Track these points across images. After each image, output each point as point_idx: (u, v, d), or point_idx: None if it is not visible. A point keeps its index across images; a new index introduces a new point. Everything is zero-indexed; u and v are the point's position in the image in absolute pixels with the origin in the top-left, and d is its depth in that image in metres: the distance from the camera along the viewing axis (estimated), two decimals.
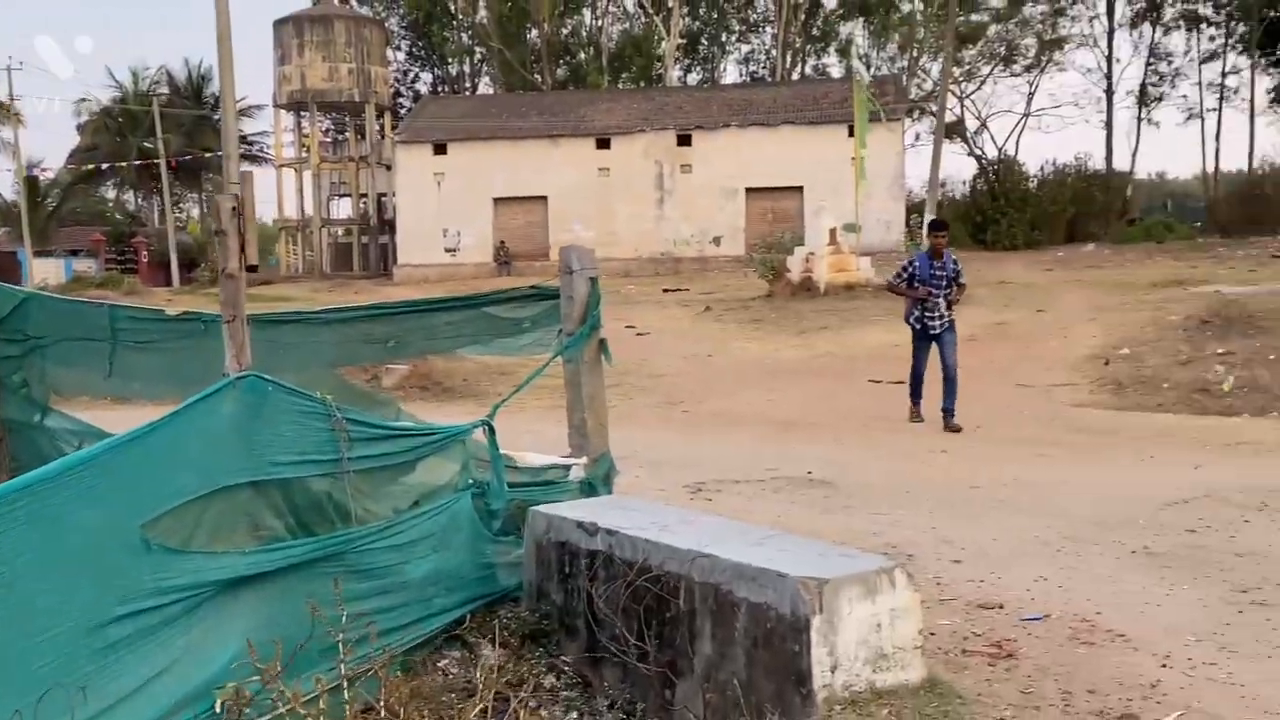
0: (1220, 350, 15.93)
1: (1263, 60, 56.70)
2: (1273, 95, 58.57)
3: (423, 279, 43.71)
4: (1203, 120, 60.11)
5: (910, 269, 12.92)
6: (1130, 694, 4.85)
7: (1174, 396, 13.95)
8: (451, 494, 5.56)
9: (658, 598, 4.73)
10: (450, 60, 68.54)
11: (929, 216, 30.09)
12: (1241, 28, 57.37)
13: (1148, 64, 59.97)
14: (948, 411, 12.60)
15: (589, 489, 6.13)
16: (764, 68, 65.38)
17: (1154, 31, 59.95)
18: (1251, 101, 56.97)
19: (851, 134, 32.54)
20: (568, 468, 6.25)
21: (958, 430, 12.37)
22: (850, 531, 7.76)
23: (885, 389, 15.95)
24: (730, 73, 79.43)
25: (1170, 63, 61.19)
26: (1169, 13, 59.72)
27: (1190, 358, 15.82)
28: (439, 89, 68.48)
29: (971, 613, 6.01)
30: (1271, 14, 55.20)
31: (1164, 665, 5.21)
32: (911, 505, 8.82)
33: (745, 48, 68.43)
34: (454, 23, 65.64)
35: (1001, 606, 6.10)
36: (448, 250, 47.40)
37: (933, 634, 5.47)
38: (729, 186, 45.51)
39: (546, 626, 5.37)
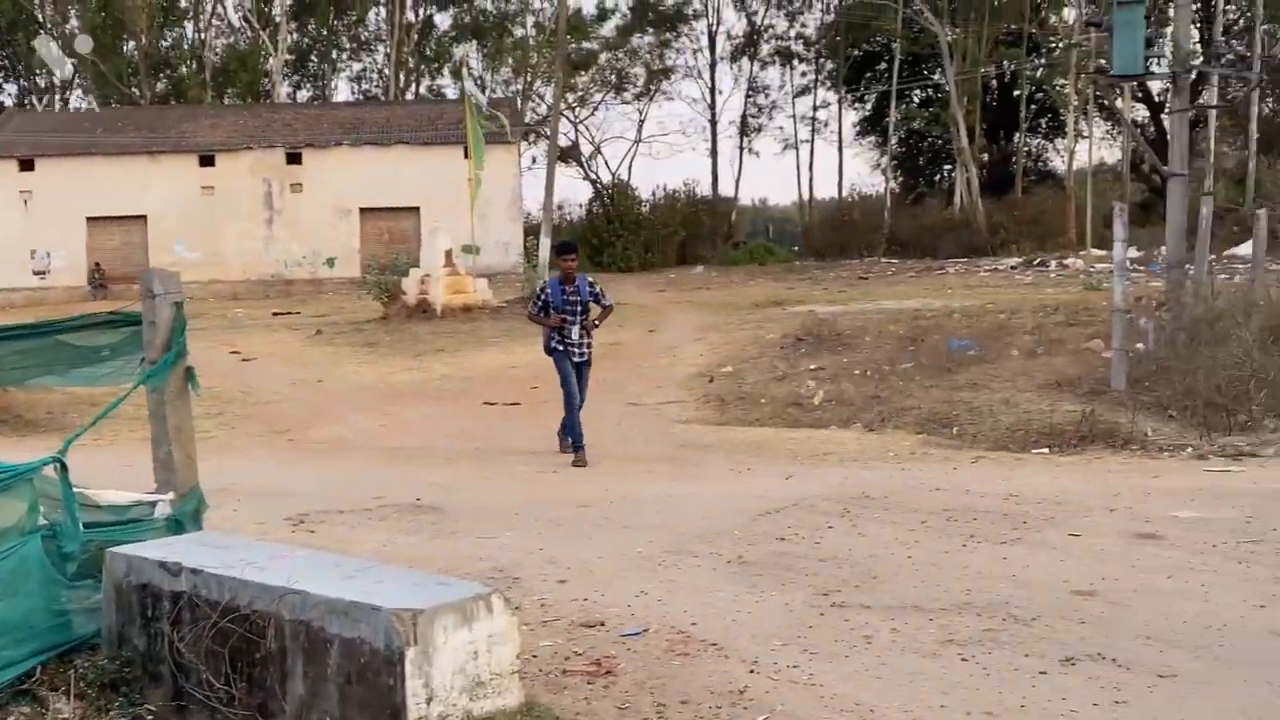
0: (812, 366, 16.95)
1: (849, 96, 60.99)
2: (859, 128, 63.13)
3: (6, 304, 40.50)
4: (798, 150, 64.09)
5: (543, 296, 12.35)
6: (720, 701, 5.03)
7: (770, 411, 14.69)
8: (18, 537, 5.13)
9: (245, 638, 4.53)
10: (38, 71, 64.06)
11: (545, 240, 30.48)
12: (830, 65, 61.57)
13: (747, 96, 63.29)
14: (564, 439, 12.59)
15: (176, 526, 5.79)
16: (377, 87, 64.68)
17: (752, 66, 63.42)
18: (840, 134, 61.17)
19: (468, 155, 32.55)
20: (154, 504, 5.89)
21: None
22: (458, 557, 7.71)
23: (501, 410, 16.03)
24: (342, 90, 78.24)
25: (767, 95, 64.89)
26: (765, 48, 63.34)
27: (786, 374, 16.75)
28: (25, 101, 63.85)
29: (574, 632, 6.08)
30: (856, 53, 59.53)
31: (752, 671, 5.43)
32: (521, 526, 8.86)
33: (357, 65, 67.44)
34: (42, 31, 61.39)
35: (603, 624, 6.20)
36: (36, 273, 44.13)
37: (534, 656, 5.49)
38: (342, 206, 44.63)
39: (128, 674, 5.04)
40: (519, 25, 62.00)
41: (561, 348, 12.09)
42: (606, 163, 63.78)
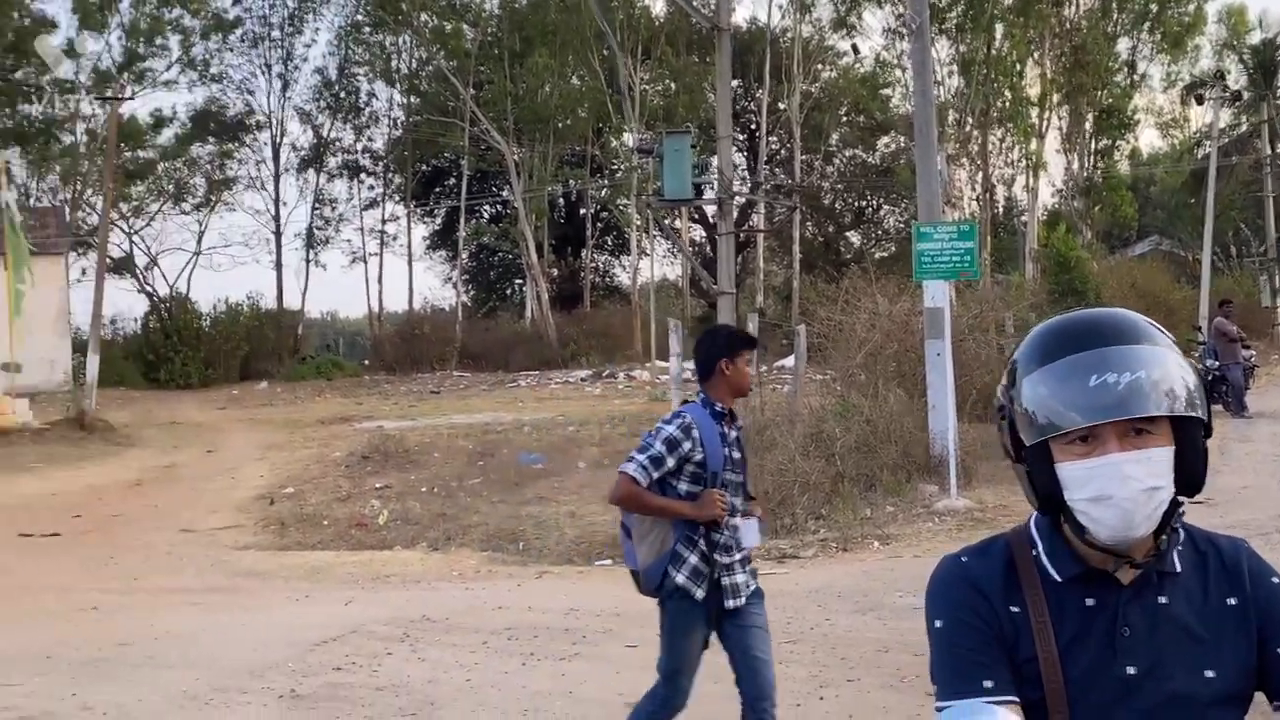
0: (379, 484, 16.62)
1: (418, 210, 61.42)
2: (429, 242, 63.65)
3: None
4: (366, 263, 63.57)
5: (681, 447, 5.09)
6: None
7: (333, 533, 14.23)
8: None
9: None
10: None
11: (93, 356, 28.49)
12: (398, 179, 61.80)
13: (314, 209, 62.35)
14: None
15: None
16: None
17: (318, 178, 62.67)
18: (409, 247, 61.31)
19: (7, 267, 30.19)
20: None
21: None
22: None
23: (37, 543, 14.71)
24: None
25: (334, 208, 64.13)
26: (332, 161, 62.81)
27: (350, 493, 16.32)
28: None
29: None
30: (425, 168, 60.16)
31: None
32: (52, 671, 8.08)
33: None
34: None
35: None
36: None
37: None
38: None
39: None
40: (68, 132, 58.62)
41: (706, 567, 5.13)
42: (164, 274, 60.93)
